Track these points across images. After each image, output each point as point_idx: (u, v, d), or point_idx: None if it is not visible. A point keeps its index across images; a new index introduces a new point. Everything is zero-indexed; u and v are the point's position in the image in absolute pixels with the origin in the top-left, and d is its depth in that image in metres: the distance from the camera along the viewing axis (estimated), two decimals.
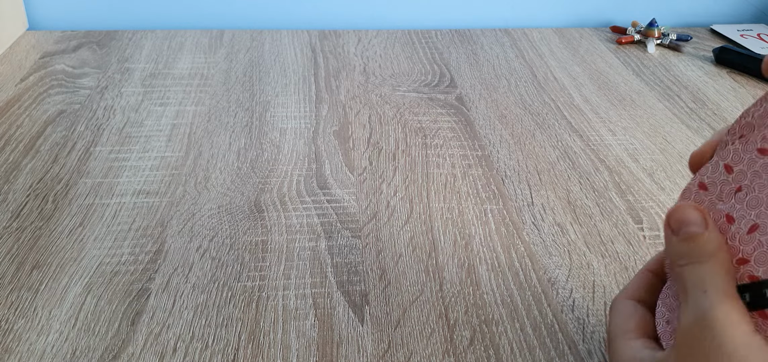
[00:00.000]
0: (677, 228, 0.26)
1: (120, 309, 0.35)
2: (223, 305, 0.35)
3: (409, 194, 0.45)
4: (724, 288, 0.24)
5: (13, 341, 0.32)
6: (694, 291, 0.24)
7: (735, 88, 0.65)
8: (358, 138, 0.52)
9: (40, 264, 0.37)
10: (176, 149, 0.50)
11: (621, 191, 0.47)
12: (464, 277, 0.38)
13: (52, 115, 0.54)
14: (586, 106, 0.60)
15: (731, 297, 0.24)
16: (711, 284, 0.24)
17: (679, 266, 0.25)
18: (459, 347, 0.33)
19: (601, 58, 0.72)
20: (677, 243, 0.26)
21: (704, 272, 0.24)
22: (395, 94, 0.60)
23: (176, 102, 0.57)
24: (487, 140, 0.53)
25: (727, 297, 0.23)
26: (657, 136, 0.55)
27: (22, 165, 0.47)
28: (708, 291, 0.24)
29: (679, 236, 0.26)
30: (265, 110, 0.56)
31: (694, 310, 0.24)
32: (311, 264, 0.38)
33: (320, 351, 0.33)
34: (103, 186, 0.45)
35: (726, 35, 0.80)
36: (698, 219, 0.25)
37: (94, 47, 0.68)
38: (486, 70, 0.67)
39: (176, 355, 0.32)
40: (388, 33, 0.76)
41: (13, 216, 0.41)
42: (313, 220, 0.42)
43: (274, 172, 0.47)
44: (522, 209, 0.44)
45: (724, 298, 0.23)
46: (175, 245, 0.39)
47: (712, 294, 0.24)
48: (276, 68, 0.65)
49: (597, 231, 0.43)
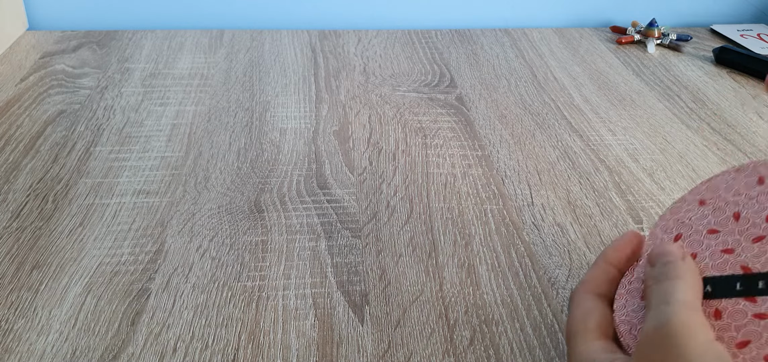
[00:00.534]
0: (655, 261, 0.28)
1: (120, 309, 0.35)
2: (223, 305, 0.35)
3: (409, 194, 0.45)
4: (686, 300, 0.25)
5: (13, 341, 0.32)
6: (657, 302, 0.25)
7: (735, 88, 0.65)
8: (358, 138, 0.52)
9: (40, 264, 0.37)
10: (176, 149, 0.50)
11: (621, 191, 0.47)
12: (464, 277, 0.38)
13: (52, 115, 0.54)
14: (586, 106, 0.60)
15: (694, 309, 0.24)
16: (673, 295, 0.25)
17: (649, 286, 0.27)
18: (459, 347, 0.33)
19: (601, 58, 0.72)
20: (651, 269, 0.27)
21: (671, 286, 0.26)
22: (395, 94, 0.60)
23: (176, 102, 0.57)
24: (487, 140, 0.53)
25: (688, 308, 0.24)
26: (657, 136, 0.55)
27: (22, 165, 0.47)
28: (670, 302, 0.25)
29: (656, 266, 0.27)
30: (265, 110, 0.56)
31: (657, 317, 0.24)
32: (311, 264, 0.38)
33: (320, 351, 0.33)
34: (103, 186, 0.45)
35: (726, 35, 0.80)
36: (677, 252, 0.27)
37: (94, 47, 0.68)
38: (486, 70, 0.67)
39: (176, 355, 0.32)
40: (388, 33, 0.76)
41: (13, 216, 0.41)
42: (313, 220, 0.42)
43: (274, 172, 0.47)
44: (522, 209, 0.44)
45: (684, 308, 0.24)
46: (175, 245, 0.39)
47: (674, 305, 0.24)
48: (276, 68, 0.65)
49: (597, 231, 0.43)
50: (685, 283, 0.26)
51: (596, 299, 0.29)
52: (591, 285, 0.30)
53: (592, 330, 0.28)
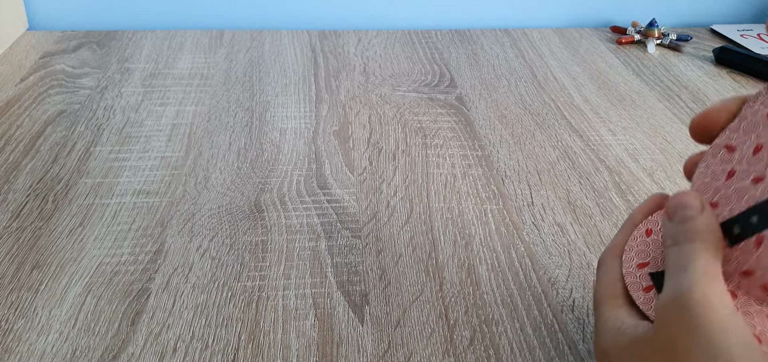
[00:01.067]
0: (673, 213, 0.26)
1: (120, 309, 0.35)
2: (223, 305, 0.35)
3: (409, 194, 0.45)
4: (705, 268, 0.23)
5: (13, 341, 0.32)
6: (675, 268, 0.24)
7: (735, 88, 0.65)
8: (358, 138, 0.52)
9: (40, 264, 0.37)
10: (176, 149, 0.50)
11: (621, 191, 0.47)
12: (464, 277, 0.38)
13: (52, 115, 0.54)
14: (586, 106, 0.60)
15: (712, 277, 0.23)
16: (692, 263, 0.24)
17: (667, 246, 0.25)
18: (459, 347, 0.33)
19: (601, 58, 0.72)
20: (670, 225, 0.26)
21: (689, 251, 0.24)
22: (395, 94, 0.60)
23: (176, 102, 0.57)
24: (487, 140, 0.53)
25: (708, 278, 0.23)
26: (657, 136, 0.55)
27: (22, 165, 0.47)
28: (688, 269, 0.23)
29: (674, 219, 0.26)
30: (265, 110, 0.56)
31: (673, 288, 0.24)
32: (311, 264, 0.38)
33: (320, 351, 0.33)
34: (103, 186, 0.45)
35: (726, 35, 0.80)
36: (695, 204, 0.25)
37: (94, 47, 0.68)
38: (486, 70, 0.67)
39: (176, 355, 0.32)
40: (388, 33, 0.76)
41: (13, 216, 0.41)
42: (313, 220, 0.42)
43: (274, 172, 0.47)
44: (522, 209, 0.44)
45: (703, 278, 0.23)
46: (175, 245, 0.39)
47: (691, 274, 0.23)
48: (276, 68, 0.65)
49: (597, 231, 0.43)
50: (702, 243, 0.24)
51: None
52: (619, 249, 0.30)
53: (619, 295, 0.28)
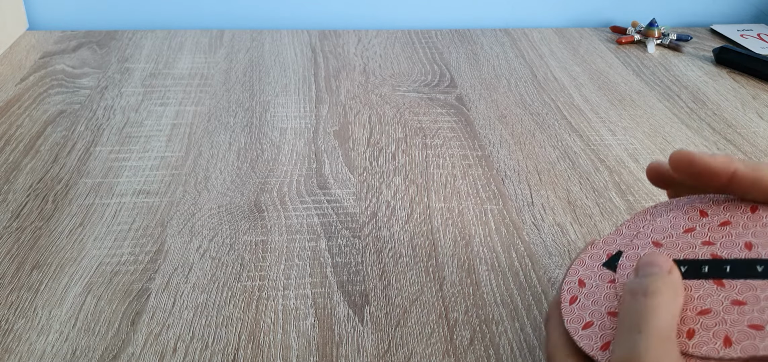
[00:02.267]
0: (639, 269, 0.25)
1: (120, 309, 0.35)
2: (223, 305, 0.35)
3: (409, 194, 0.45)
4: (660, 330, 0.22)
5: (13, 341, 0.32)
6: (630, 327, 0.23)
7: (735, 88, 0.65)
8: (358, 138, 0.52)
9: (40, 264, 0.37)
10: (176, 149, 0.50)
11: (621, 191, 0.47)
12: (464, 277, 0.38)
13: (52, 115, 0.54)
14: (586, 106, 0.60)
15: (667, 340, 0.22)
16: (647, 323, 0.22)
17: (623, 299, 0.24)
18: (459, 347, 0.33)
19: (601, 58, 0.72)
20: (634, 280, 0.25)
21: (646, 308, 0.23)
22: (395, 94, 0.60)
23: (176, 102, 0.57)
24: (487, 140, 0.53)
25: (662, 341, 0.22)
26: (657, 136, 0.55)
27: (22, 165, 0.47)
28: (643, 331, 0.22)
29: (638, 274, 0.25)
30: (265, 110, 0.56)
31: (626, 347, 0.22)
32: (311, 264, 0.38)
33: (320, 351, 0.33)
34: (103, 186, 0.45)
35: (726, 35, 0.80)
36: (664, 264, 0.25)
37: (94, 47, 0.69)
38: (486, 70, 0.67)
39: (176, 355, 0.32)
40: (388, 33, 0.76)
41: (13, 216, 0.41)
42: (313, 220, 0.42)
43: (274, 172, 0.47)
44: (522, 209, 0.44)
45: (657, 342, 0.22)
46: (175, 245, 0.39)
47: (646, 336, 0.22)
48: (276, 68, 0.65)
49: (597, 232, 0.43)
50: (662, 301, 0.23)
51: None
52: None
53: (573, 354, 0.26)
